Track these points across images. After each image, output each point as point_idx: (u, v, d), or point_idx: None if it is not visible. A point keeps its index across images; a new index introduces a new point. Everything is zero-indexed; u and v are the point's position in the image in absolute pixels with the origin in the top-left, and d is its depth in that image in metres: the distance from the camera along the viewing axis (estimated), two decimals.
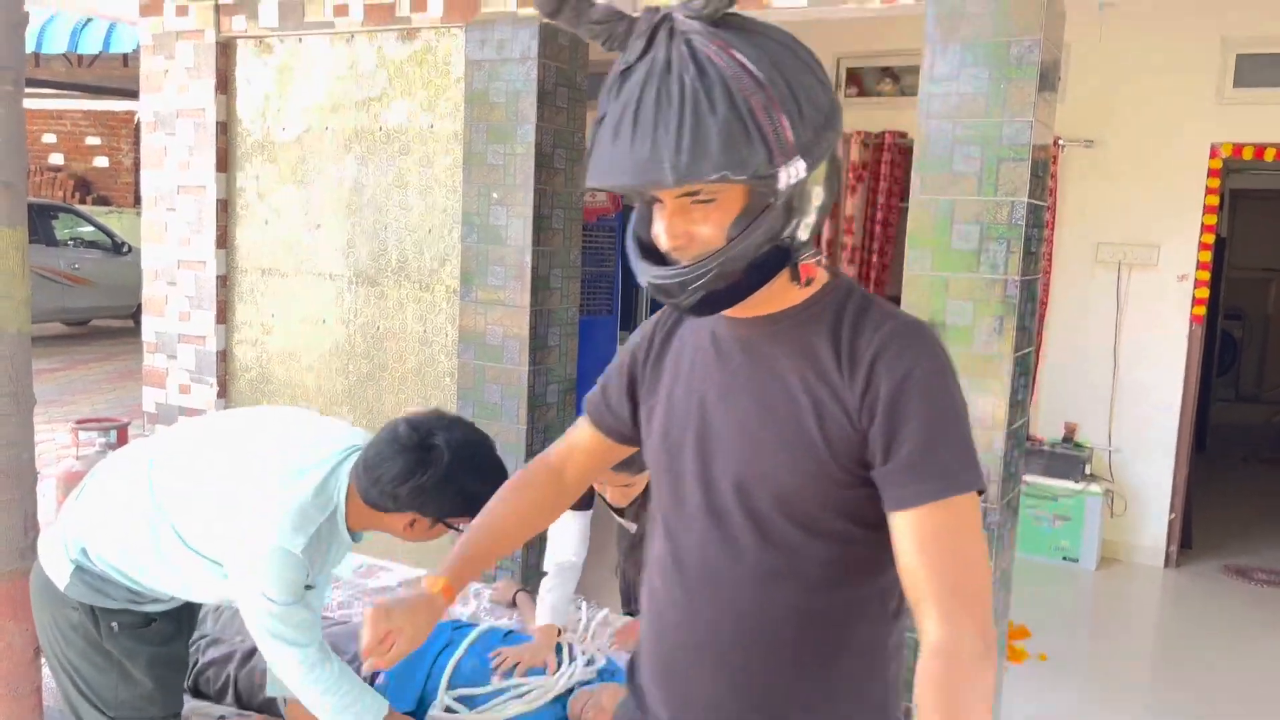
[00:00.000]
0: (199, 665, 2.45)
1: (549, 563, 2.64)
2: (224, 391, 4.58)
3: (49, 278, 11.06)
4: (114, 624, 1.93)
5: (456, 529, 1.95)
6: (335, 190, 4.26)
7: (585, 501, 2.63)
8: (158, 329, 4.71)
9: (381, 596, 3.10)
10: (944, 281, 3.08)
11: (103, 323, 12.64)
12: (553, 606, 2.57)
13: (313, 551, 1.89)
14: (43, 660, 2.08)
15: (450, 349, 4.01)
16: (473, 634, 2.49)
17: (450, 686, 2.33)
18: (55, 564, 1.93)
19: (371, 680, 2.37)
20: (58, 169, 15.40)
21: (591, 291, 6.19)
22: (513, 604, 3.04)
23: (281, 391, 4.42)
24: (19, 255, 2.14)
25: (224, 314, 4.55)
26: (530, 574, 3.87)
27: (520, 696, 2.30)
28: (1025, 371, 3.18)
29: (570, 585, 2.64)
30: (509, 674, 2.36)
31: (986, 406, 3.03)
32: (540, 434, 3.85)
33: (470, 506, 1.81)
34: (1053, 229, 5.50)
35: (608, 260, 6.39)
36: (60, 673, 1.97)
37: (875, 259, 6.03)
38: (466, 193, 3.84)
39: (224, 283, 4.54)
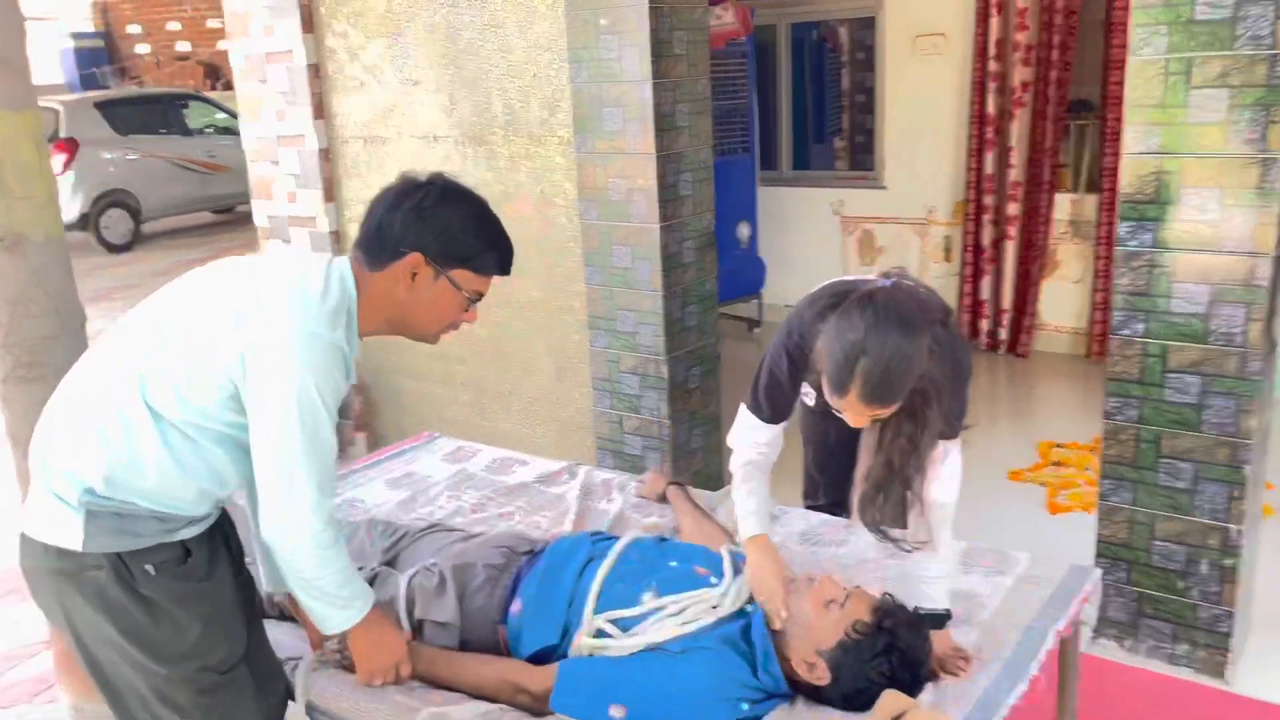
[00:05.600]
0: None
1: (735, 463, 2.15)
2: None
3: (189, 167, 11.15)
4: (148, 566, 1.63)
5: (458, 287, 1.72)
6: (428, 39, 3.77)
7: (783, 413, 2.12)
8: (269, 213, 4.44)
9: (520, 496, 2.77)
10: (1184, 65, 2.36)
11: (246, 208, 12.81)
12: (754, 512, 2.06)
13: (351, 347, 1.68)
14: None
15: (572, 209, 3.54)
16: (618, 545, 2.11)
17: (598, 608, 1.97)
18: (57, 524, 1.61)
19: (505, 611, 2.04)
20: (185, 57, 15.45)
21: (724, 129, 5.56)
22: (663, 499, 2.65)
23: None
24: (32, 145, 1.78)
25: (331, 191, 4.22)
26: (680, 454, 3.48)
27: (675, 615, 1.92)
28: None
29: (765, 485, 2.13)
30: (670, 587, 1.97)
31: (1244, 224, 2.36)
32: (678, 299, 3.38)
33: (470, 246, 1.70)
34: None
35: (741, 91, 5.71)
36: (97, 662, 1.67)
37: (1056, 56, 5.12)
38: (571, 22, 3.28)
39: (326, 156, 4.18)
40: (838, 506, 2.63)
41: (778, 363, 2.04)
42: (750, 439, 2.13)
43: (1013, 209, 5.39)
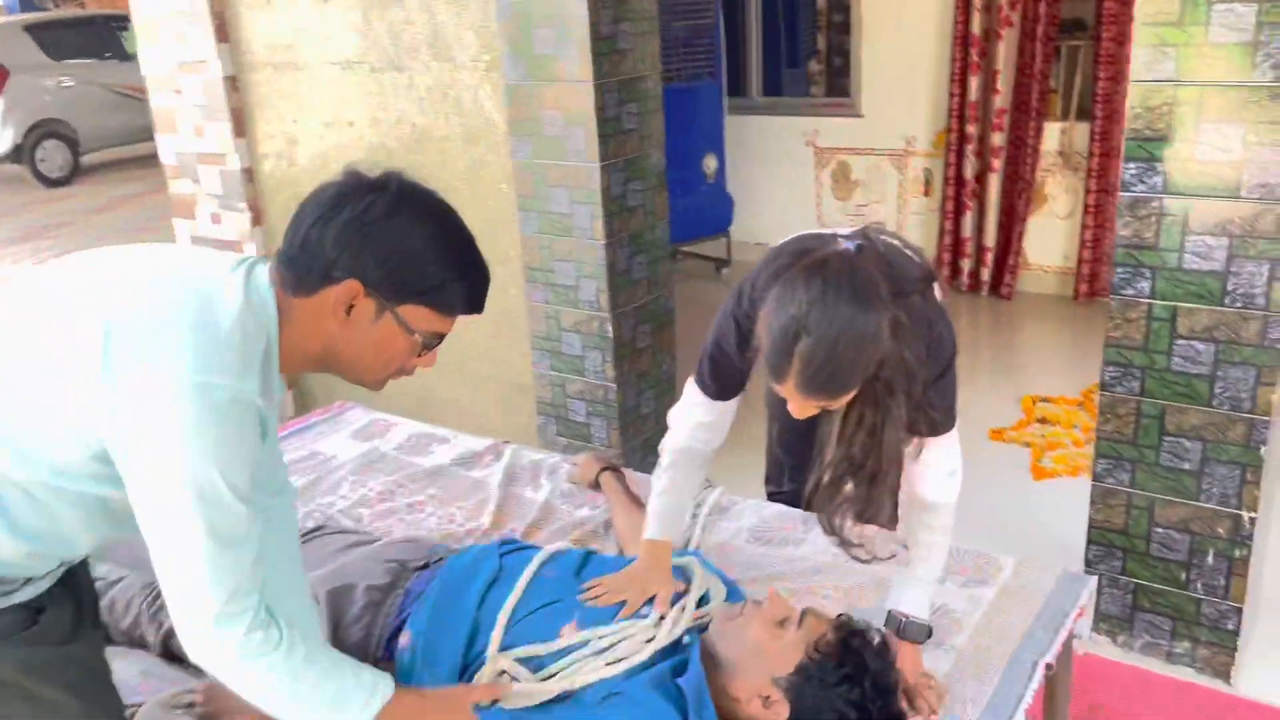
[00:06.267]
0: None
1: (667, 444, 1.84)
2: (260, 219, 3.87)
3: (130, 95, 10.46)
4: None
5: (409, 329, 1.29)
6: None
7: (734, 389, 1.79)
8: (176, 149, 3.99)
9: (434, 482, 2.42)
10: None
11: None
12: (663, 513, 1.79)
13: (269, 396, 1.25)
14: None
15: (501, 145, 3.13)
16: (533, 562, 1.76)
17: (505, 644, 1.63)
18: None
19: (390, 646, 1.70)
20: None
21: (687, 52, 5.11)
22: (595, 486, 2.31)
23: None
24: None
25: (241, 125, 3.77)
26: (629, 420, 3.14)
27: (601, 653, 1.58)
28: None
29: (693, 482, 1.84)
30: (595, 618, 1.63)
31: (1271, 166, 2.00)
32: (624, 248, 3.00)
33: (428, 275, 1.26)
34: None
35: (706, 11, 5.25)
36: None
37: None
38: None
39: (234, 85, 3.72)
40: (802, 496, 2.29)
41: (725, 333, 1.69)
42: (692, 418, 1.81)
43: (997, 139, 4.99)
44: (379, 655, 1.69)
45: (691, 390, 1.79)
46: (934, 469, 1.60)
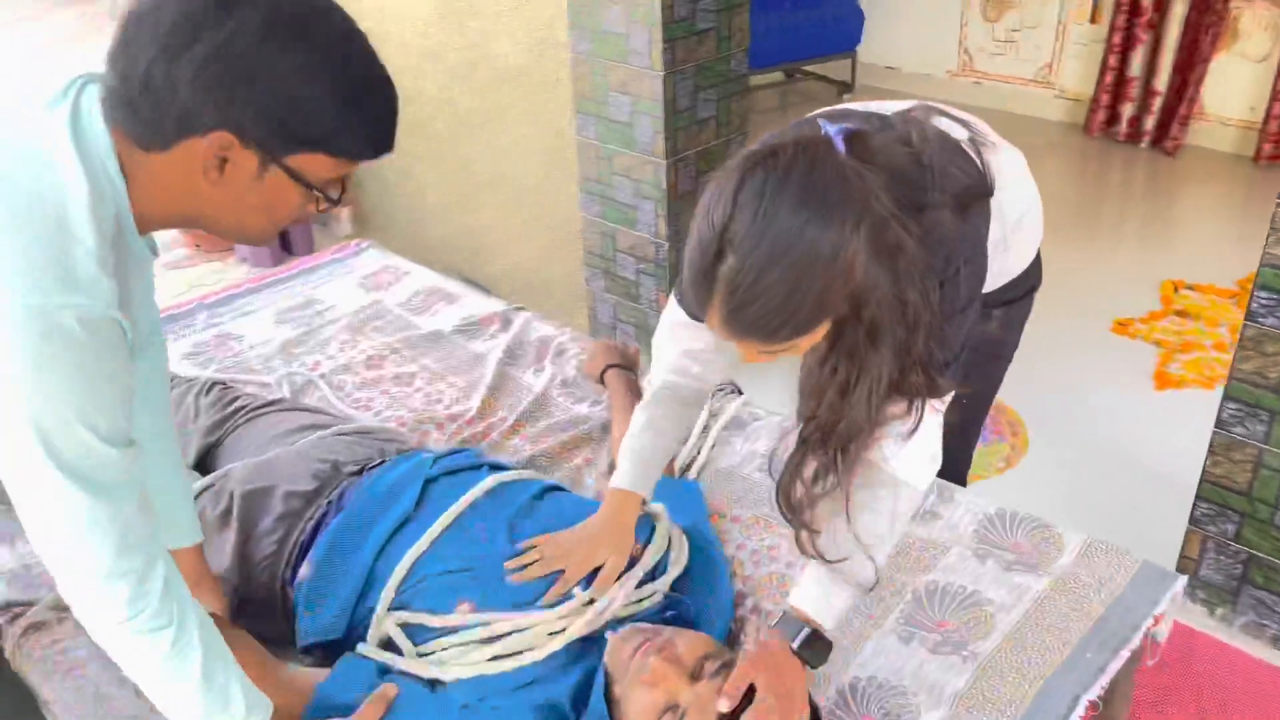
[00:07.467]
0: None
1: (651, 377, 1.49)
2: None
3: None
4: None
5: (304, 183, 1.00)
6: None
7: None
8: None
9: (430, 350, 2.15)
10: None
11: None
12: (636, 456, 1.43)
13: (127, 304, 0.99)
14: None
15: None
16: (458, 504, 1.44)
17: (400, 601, 1.35)
18: None
19: (295, 571, 1.46)
20: None
21: None
22: (600, 382, 1.98)
23: None
24: None
25: None
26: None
27: (490, 643, 1.27)
28: None
29: (679, 422, 1.47)
30: (501, 599, 1.33)
31: None
32: (687, 81, 2.52)
33: (323, 119, 0.96)
34: None
35: None
36: None
37: None
38: None
39: None
40: None
41: None
42: (676, 344, 1.43)
43: None
44: (287, 577, 1.46)
45: (673, 308, 1.40)
46: (915, 443, 1.19)
